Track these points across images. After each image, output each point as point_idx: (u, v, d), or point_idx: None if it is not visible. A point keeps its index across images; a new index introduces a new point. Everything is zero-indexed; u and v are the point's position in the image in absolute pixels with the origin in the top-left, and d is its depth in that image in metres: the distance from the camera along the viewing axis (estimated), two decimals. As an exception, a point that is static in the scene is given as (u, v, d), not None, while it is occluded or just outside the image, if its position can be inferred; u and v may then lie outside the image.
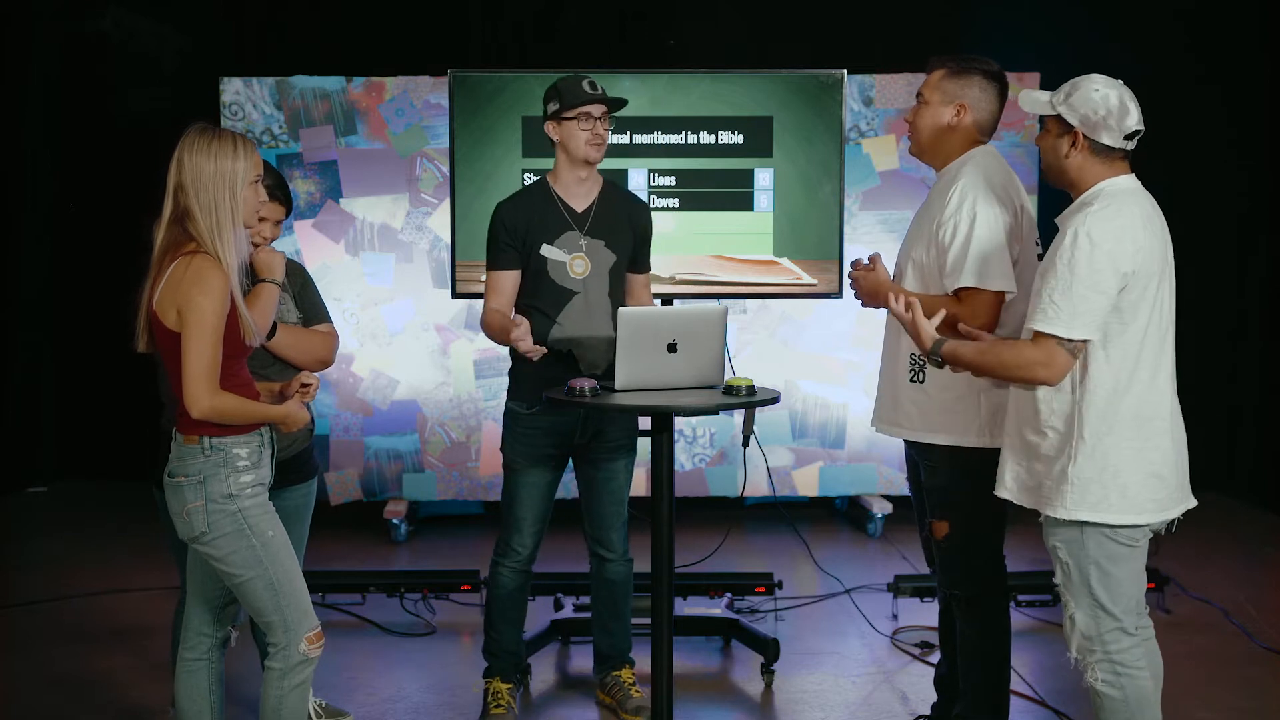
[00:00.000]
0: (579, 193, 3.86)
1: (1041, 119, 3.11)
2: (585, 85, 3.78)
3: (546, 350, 3.67)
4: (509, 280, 3.85)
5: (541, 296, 3.83)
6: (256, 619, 3.03)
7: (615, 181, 4.04)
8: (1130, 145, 3.00)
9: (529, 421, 3.86)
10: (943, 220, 3.34)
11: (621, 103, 3.84)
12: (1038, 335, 2.95)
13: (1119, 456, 2.95)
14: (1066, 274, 2.89)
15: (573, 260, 3.82)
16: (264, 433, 3.01)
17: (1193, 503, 3.08)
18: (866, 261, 3.51)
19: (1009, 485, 3.13)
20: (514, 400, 3.91)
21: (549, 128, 3.81)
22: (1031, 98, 3.07)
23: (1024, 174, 6.29)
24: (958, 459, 3.38)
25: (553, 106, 3.79)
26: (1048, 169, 3.10)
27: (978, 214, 3.29)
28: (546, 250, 3.81)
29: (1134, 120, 2.97)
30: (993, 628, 3.47)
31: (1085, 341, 2.93)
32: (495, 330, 3.79)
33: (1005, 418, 3.31)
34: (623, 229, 3.89)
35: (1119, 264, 2.89)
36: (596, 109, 3.77)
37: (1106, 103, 2.94)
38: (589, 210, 3.86)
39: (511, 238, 3.82)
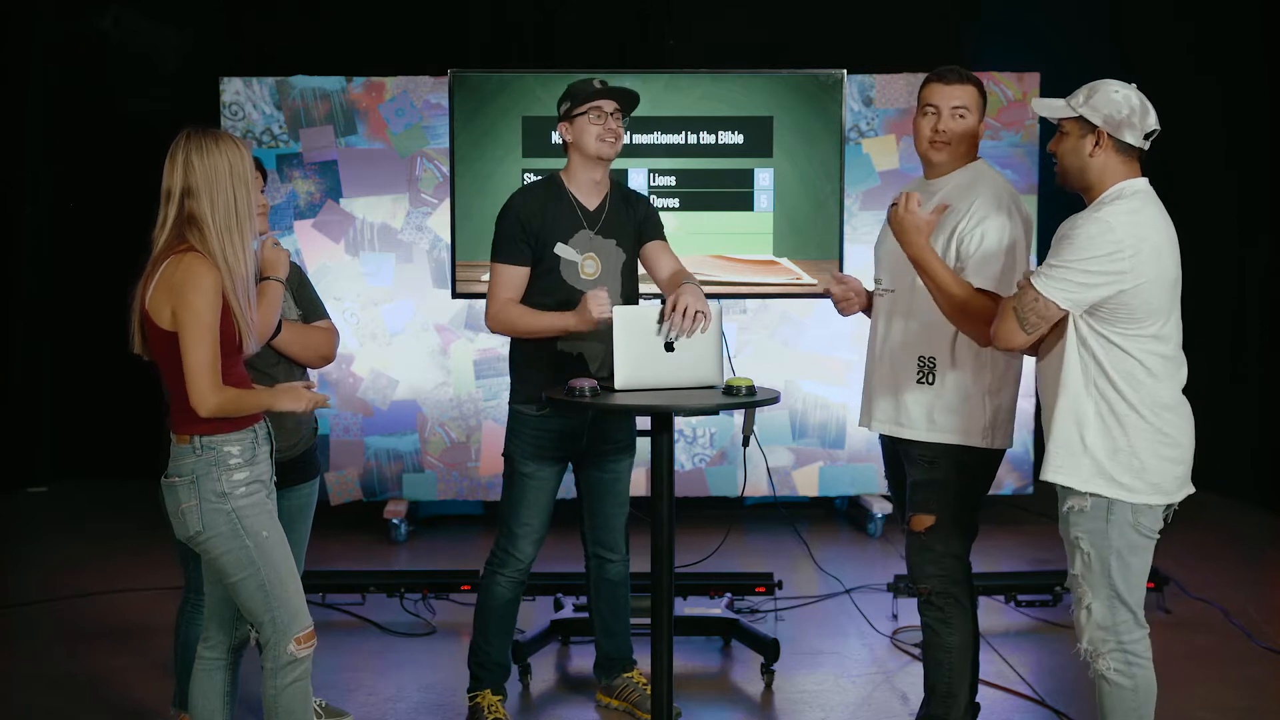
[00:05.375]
0: (592, 192, 3.82)
1: (1053, 124, 3.12)
2: (596, 83, 3.76)
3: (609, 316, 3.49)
4: (520, 277, 3.76)
5: (553, 296, 3.76)
6: (248, 617, 3.04)
7: (618, 180, 4.01)
8: (1146, 145, 3.04)
9: (539, 424, 3.80)
10: (965, 231, 3.32)
11: (633, 98, 3.79)
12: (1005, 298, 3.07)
13: (1145, 442, 3.01)
14: (1069, 245, 2.94)
15: (584, 260, 3.77)
16: (258, 429, 3.00)
17: (1191, 489, 3.14)
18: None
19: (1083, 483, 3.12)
20: (521, 403, 3.83)
21: (562, 129, 3.77)
22: (1046, 103, 3.11)
23: (1024, 174, 6.30)
24: (958, 457, 3.41)
25: (564, 106, 3.76)
26: (1066, 172, 3.09)
27: (1006, 225, 3.32)
28: (560, 249, 3.75)
29: (1153, 120, 3.03)
30: (960, 625, 3.49)
31: (1059, 310, 2.96)
32: (533, 321, 3.68)
33: (1012, 420, 3.42)
34: (628, 226, 3.86)
35: (1127, 253, 2.92)
36: (608, 104, 3.73)
37: (1129, 102, 3.00)
38: (601, 208, 3.82)
39: (526, 233, 3.74)
